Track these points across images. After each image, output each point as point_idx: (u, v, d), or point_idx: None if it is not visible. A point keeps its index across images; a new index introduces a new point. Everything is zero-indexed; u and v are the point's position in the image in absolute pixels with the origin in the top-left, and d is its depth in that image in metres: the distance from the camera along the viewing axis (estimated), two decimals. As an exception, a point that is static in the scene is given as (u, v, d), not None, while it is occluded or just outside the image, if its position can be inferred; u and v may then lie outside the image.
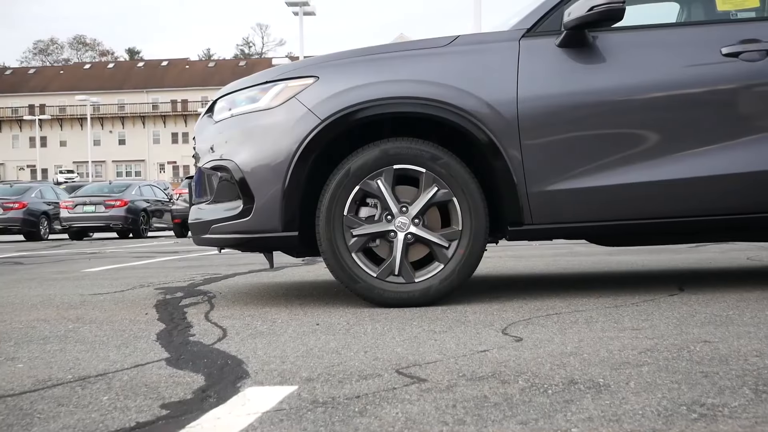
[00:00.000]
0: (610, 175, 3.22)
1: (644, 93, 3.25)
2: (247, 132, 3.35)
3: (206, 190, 3.54)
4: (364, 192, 3.26)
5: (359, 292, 3.26)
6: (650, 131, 3.24)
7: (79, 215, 18.76)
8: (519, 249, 7.67)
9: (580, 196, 3.23)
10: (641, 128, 3.24)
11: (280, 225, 3.26)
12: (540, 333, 2.56)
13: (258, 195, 3.27)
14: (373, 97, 3.23)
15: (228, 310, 3.38)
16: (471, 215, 3.24)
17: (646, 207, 3.25)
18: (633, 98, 3.25)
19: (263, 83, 3.39)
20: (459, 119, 3.21)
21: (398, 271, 3.25)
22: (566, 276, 4.56)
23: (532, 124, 3.22)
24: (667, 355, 2.14)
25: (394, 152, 3.24)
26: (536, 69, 3.27)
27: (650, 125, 3.24)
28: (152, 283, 4.83)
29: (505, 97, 3.24)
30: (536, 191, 3.24)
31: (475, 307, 3.20)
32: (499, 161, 3.23)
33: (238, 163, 3.31)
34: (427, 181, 3.24)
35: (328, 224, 3.24)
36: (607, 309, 3.03)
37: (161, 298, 3.89)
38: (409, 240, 3.25)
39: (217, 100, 3.57)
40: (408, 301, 3.24)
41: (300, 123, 3.24)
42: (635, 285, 3.82)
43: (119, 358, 2.36)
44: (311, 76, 3.32)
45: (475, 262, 3.27)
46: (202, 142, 3.56)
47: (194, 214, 3.56)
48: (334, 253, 3.25)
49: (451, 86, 3.23)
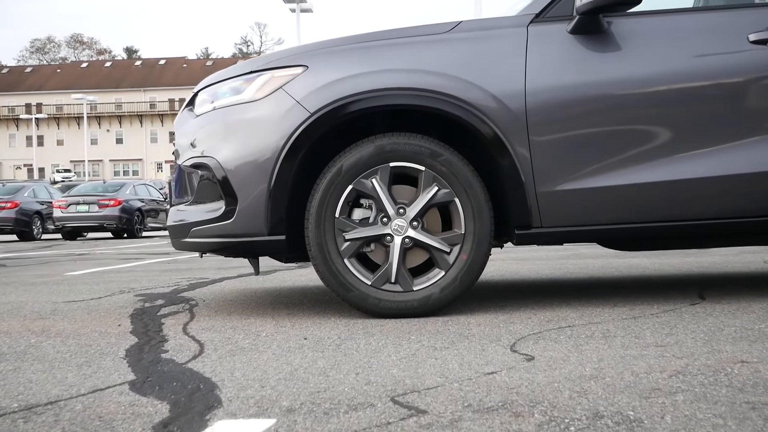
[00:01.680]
0: (626, 173, 2.93)
1: (663, 84, 2.97)
2: (229, 126, 3.07)
3: (186, 190, 3.26)
4: (357, 192, 2.98)
5: (352, 302, 2.98)
6: (669, 126, 2.96)
7: (73, 215, 18.46)
8: (522, 251, 7.39)
9: (594, 196, 2.95)
10: (659, 123, 2.96)
11: (266, 228, 2.98)
12: (553, 350, 2.28)
13: (241, 195, 2.99)
14: (367, 88, 2.95)
15: (209, 320, 3.10)
16: (474, 217, 2.96)
17: (667, 208, 2.97)
18: (650, 90, 2.97)
19: (247, 73, 3.11)
20: (461, 112, 2.93)
21: (395, 279, 2.97)
22: (575, 281, 4.28)
23: (541, 118, 2.95)
24: (702, 379, 1.86)
25: (390, 148, 2.96)
26: (546, 58, 2.99)
27: (669, 119, 2.96)
28: (133, 288, 4.54)
29: (511, 88, 2.96)
30: (546, 191, 2.96)
31: (479, 318, 2.92)
32: (505, 158, 2.95)
33: (220, 161, 3.03)
34: (427, 180, 2.96)
35: (318, 227, 2.96)
36: (625, 321, 2.76)
37: (139, 307, 3.61)
38: (406, 244, 2.98)
39: (198, 92, 3.29)
40: (406, 312, 2.96)
41: (287, 116, 2.96)
42: (651, 292, 3.54)
43: (78, 380, 2.08)
44: (300, 66, 3.03)
45: (479, 268, 2.99)
46: (182, 138, 3.28)
47: (173, 216, 3.28)
48: (325, 259, 2.97)
49: (452, 76, 2.95)
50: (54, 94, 78.03)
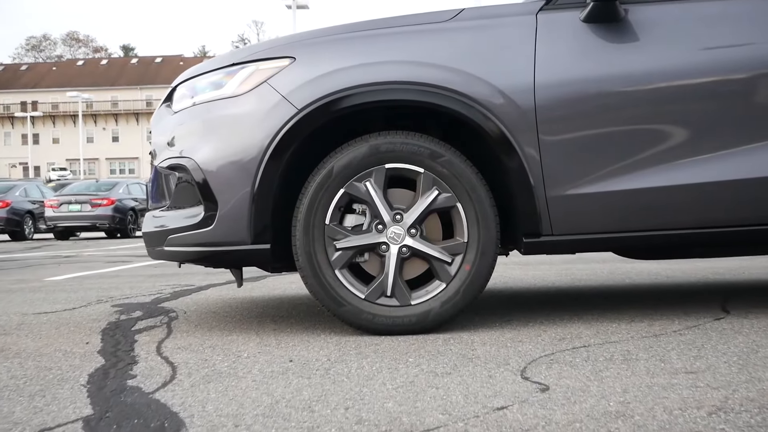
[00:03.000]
0: (646, 175, 2.66)
1: (686, 78, 2.69)
2: (209, 124, 2.79)
3: (164, 194, 2.99)
4: (349, 196, 2.71)
5: (344, 317, 2.71)
6: (695, 123, 2.68)
7: (65, 214, 18.15)
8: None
9: (610, 201, 2.68)
10: (683, 120, 2.68)
11: (249, 236, 2.71)
12: (570, 377, 2.01)
13: (222, 200, 2.72)
14: (360, 81, 2.68)
15: (187, 337, 2.83)
16: (479, 224, 2.69)
17: (692, 214, 2.70)
18: (672, 84, 2.70)
19: (229, 65, 2.83)
20: (464, 108, 2.66)
21: (391, 292, 2.70)
22: (584, 290, 4.01)
23: (552, 115, 2.67)
24: (749, 419, 1.59)
25: (386, 148, 2.69)
26: (557, 49, 2.72)
27: (695, 116, 2.69)
28: (112, 297, 4.26)
29: (519, 82, 2.68)
30: (557, 195, 2.69)
31: (483, 335, 2.65)
32: (512, 159, 2.68)
33: (199, 162, 2.76)
34: (426, 184, 2.70)
35: (307, 235, 2.69)
36: (645, 339, 2.49)
37: (114, 320, 3.33)
38: (404, 254, 2.71)
39: (176, 86, 3.01)
40: (403, 328, 2.69)
41: (273, 113, 2.69)
42: (669, 304, 3.27)
43: (26, 415, 1.81)
44: (286, 57, 2.76)
45: (484, 280, 2.72)
46: (159, 136, 3.00)
47: (148, 223, 3.01)
48: (314, 270, 2.69)
49: (454, 69, 2.68)
50: (50, 92, 77.62)
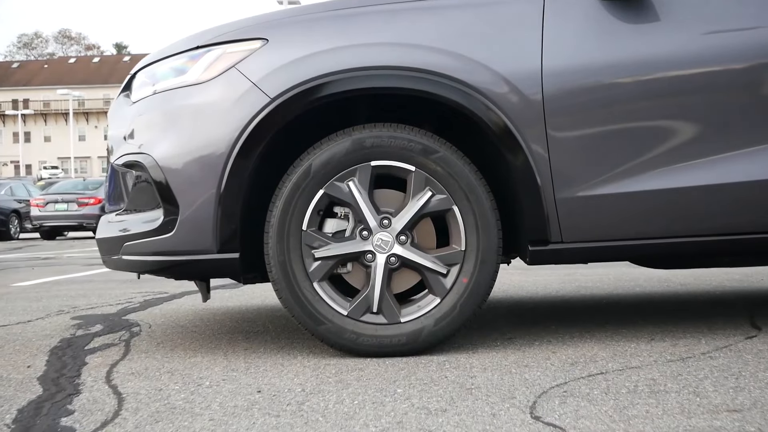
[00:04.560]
0: (670, 175, 2.32)
1: (716, 64, 2.35)
2: (169, 115, 2.44)
3: (121, 195, 2.64)
4: (330, 198, 2.37)
5: (324, 337, 2.37)
6: (726, 115, 2.34)
7: (51, 214, 17.72)
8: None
9: (630, 203, 2.34)
10: (712, 111, 2.34)
11: (215, 243, 2.36)
12: (589, 416, 1.67)
13: (184, 202, 2.37)
14: (343, 66, 2.33)
15: (145, 359, 2.47)
16: (478, 230, 2.35)
17: (725, 217, 2.36)
18: (699, 71, 2.36)
19: (193, 49, 2.48)
20: (463, 98, 2.32)
21: (377, 308, 2.35)
22: (591, 300, 3.67)
23: (561, 105, 2.33)
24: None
25: (371, 143, 2.34)
26: (567, 30, 2.38)
27: (726, 107, 2.34)
28: (76, 307, 3.90)
29: (525, 68, 2.34)
30: (567, 197, 2.35)
31: (483, 358, 2.31)
32: (516, 156, 2.33)
33: (157, 158, 2.41)
34: (418, 184, 2.35)
35: (281, 243, 2.34)
36: (671, 364, 2.15)
37: (68, 336, 2.97)
38: (392, 264, 2.36)
39: (136, 73, 2.66)
40: (391, 350, 2.35)
41: (242, 103, 2.34)
42: (690, 319, 2.93)
43: None
44: (258, 39, 2.41)
45: (484, 294, 2.38)
46: (116, 129, 2.65)
47: (103, 228, 2.65)
48: (289, 283, 2.35)
49: (450, 52, 2.34)
50: (41, 89, 76.96)
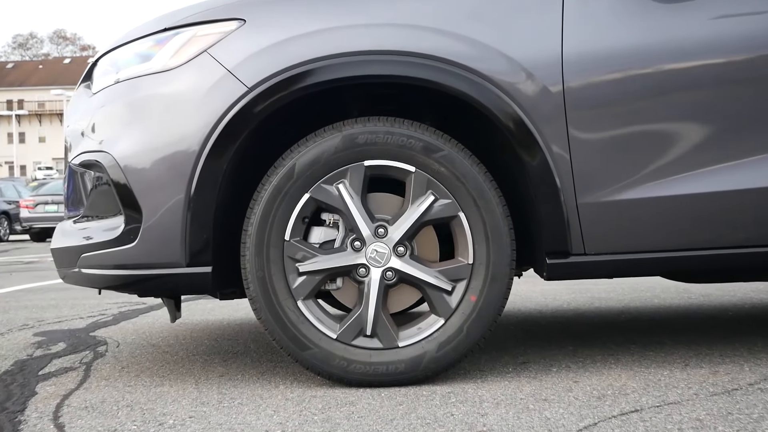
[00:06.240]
0: (714, 176, 2.01)
1: (762, 49, 2.05)
2: (132, 107, 2.12)
3: (81, 199, 2.32)
4: (317, 203, 2.05)
5: (309, 364, 2.04)
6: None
7: (41, 215, 17.35)
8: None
9: (665, 209, 2.02)
10: (762, 102, 2.03)
11: (184, 256, 2.04)
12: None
13: (148, 208, 2.04)
14: (332, 51, 2.01)
15: (104, 388, 2.14)
16: (488, 241, 2.03)
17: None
18: (743, 58, 2.05)
19: (160, 31, 2.16)
20: (471, 88, 2.00)
21: (372, 330, 2.03)
22: (608, 315, 3.35)
23: (585, 97, 2.02)
24: None
25: (365, 140, 2.02)
26: (591, 10, 2.06)
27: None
28: (43, 320, 3.56)
29: (542, 53, 2.03)
30: (591, 202, 2.03)
31: (494, 389, 1.98)
32: (533, 155, 2.02)
33: (117, 157, 2.08)
34: (419, 187, 2.03)
35: (260, 255, 2.02)
36: (716, 398, 1.83)
37: (23, 357, 2.64)
38: (389, 280, 2.04)
39: (98, 60, 2.33)
40: (387, 379, 2.03)
41: (215, 93, 2.02)
42: (725, 338, 2.61)
43: None
44: (233, 19, 2.09)
45: (494, 314, 2.06)
46: (75, 124, 2.32)
47: (58, 237, 2.34)
48: (270, 301, 2.02)
49: (457, 35, 2.02)
50: (36, 90, 76.50)
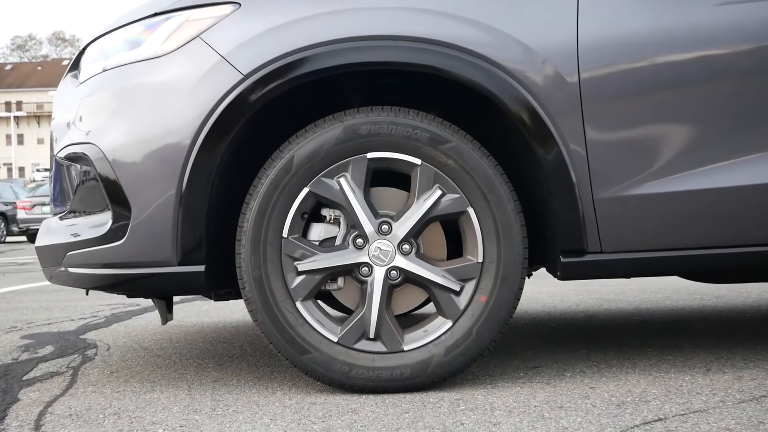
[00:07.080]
0: (744, 168, 1.89)
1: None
2: (120, 96, 2.00)
3: (67, 194, 2.19)
4: (317, 198, 1.93)
5: (309, 369, 1.92)
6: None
7: (38, 216, 17.15)
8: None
9: (688, 204, 1.90)
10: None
11: (175, 254, 1.92)
12: (663, 494, 1.23)
13: (137, 203, 1.92)
14: (333, 36, 1.89)
15: (90, 395, 2.02)
16: (498, 238, 1.91)
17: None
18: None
19: (149, 16, 2.03)
20: (482, 76, 1.88)
21: (375, 333, 1.91)
22: (621, 318, 3.23)
23: (602, 87, 1.90)
24: None
25: (368, 131, 1.90)
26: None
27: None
28: (33, 322, 3.44)
29: (557, 39, 1.91)
30: (608, 197, 1.91)
31: (505, 395, 1.86)
32: (547, 148, 1.89)
33: (105, 150, 1.96)
34: (425, 181, 1.91)
35: (257, 253, 1.90)
36: (743, 406, 1.71)
37: (8, 362, 2.51)
38: (393, 279, 1.92)
39: (85, 48, 2.21)
40: (392, 385, 1.90)
41: (208, 81, 1.90)
42: (748, 342, 2.48)
43: None
44: (228, 2, 1.97)
45: (505, 316, 1.94)
46: (61, 115, 2.20)
47: (43, 234, 2.21)
48: (267, 302, 1.90)
49: (465, 19, 1.91)
50: (35, 91, 76.42)
